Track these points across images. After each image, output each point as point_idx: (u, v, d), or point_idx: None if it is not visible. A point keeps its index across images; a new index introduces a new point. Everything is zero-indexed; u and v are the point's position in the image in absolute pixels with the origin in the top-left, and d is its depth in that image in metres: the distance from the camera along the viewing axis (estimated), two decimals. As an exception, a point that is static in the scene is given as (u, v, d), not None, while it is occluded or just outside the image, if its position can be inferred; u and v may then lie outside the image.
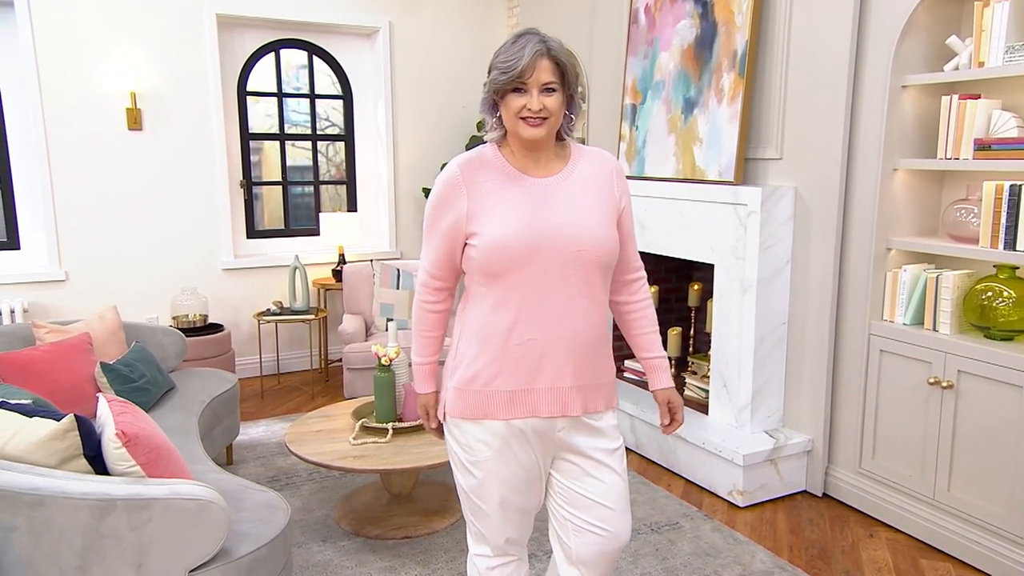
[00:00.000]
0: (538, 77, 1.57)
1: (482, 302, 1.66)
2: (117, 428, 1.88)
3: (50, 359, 2.85)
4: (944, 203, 2.98)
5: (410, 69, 5.17)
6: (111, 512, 1.75)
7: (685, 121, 3.61)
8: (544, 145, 1.66)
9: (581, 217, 1.64)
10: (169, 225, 4.61)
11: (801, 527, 2.96)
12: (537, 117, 1.59)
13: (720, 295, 3.37)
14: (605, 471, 1.73)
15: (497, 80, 1.59)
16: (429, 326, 1.77)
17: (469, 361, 1.68)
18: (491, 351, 1.65)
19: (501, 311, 1.63)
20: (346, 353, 4.17)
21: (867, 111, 2.93)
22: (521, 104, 1.58)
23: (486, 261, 1.60)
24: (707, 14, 3.49)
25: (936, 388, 2.73)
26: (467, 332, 1.70)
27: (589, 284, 1.65)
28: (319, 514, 3.03)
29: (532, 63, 1.55)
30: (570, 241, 1.61)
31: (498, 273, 1.61)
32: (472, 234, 1.62)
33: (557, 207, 1.64)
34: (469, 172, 1.65)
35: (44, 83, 4.18)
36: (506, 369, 1.64)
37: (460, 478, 1.76)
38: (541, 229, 1.60)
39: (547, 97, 1.58)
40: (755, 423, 3.29)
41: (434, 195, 1.68)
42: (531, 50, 1.56)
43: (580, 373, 1.68)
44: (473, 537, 1.83)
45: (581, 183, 1.68)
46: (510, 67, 1.56)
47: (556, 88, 1.59)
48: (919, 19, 2.78)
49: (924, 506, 2.82)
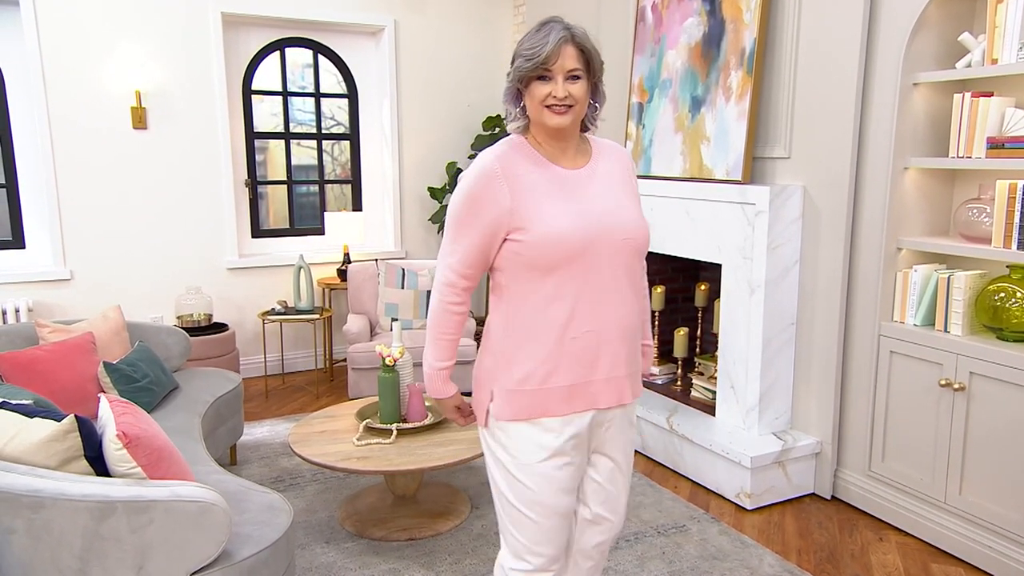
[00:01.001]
0: (563, 64, 1.55)
1: (529, 298, 1.61)
2: (118, 429, 1.86)
3: (53, 359, 2.84)
4: (956, 202, 2.94)
5: (415, 68, 5.15)
6: (111, 514, 1.73)
7: (692, 119, 3.58)
8: (569, 134, 1.65)
9: (620, 207, 1.65)
10: (174, 224, 4.60)
11: (810, 530, 2.92)
12: (563, 104, 1.57)
13: (727, 295, 3.33)
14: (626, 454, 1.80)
15: (522, 67, 1.56)
16: (453, 328, 1.69)
17: (519, 360, 1.62)
18: (546, 347, 1.61)
19: (555, 305, 1.59)
20: (350, 353, 4.15)
21: (877, 109, 2.89)
22: (546, 92, 1.56)
23: (539, 255, 1.57)
24: (715, 11, 3.45)
25: (947, 390, 2.69)
26: (512, 330, 1.64)
27: (632, 272, 1.67)
28: (323, 515, 3.01)
29: (557, 49, 1.54)
30: (616, 230, 1.62)
31: (552, 267, 1.57)
32: (518, 229, 1.57)
33: (597, 198, 1.64)
34: (507, 165, 1.60)
35: (49, 82, 4.17)
36: (564, 364, 1.61)
37: (504, 487, 1.69)
38: (592, 220, 1.59)
39: (572, 84, 1.56)
40: (763, 425, 3.25)
41: (468, 190, 1.60)
42: (556, 36, 1.54)
43: (630, 361, 1.70)
44: (511, 550, 1.73)
45: (608, 175, 1.70)
46: (535, 54, 1.54)
47: (581, 75, 1.57)
48: (931, 15, 2.74)
49: (935, 510, 2.78)
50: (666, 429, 3.47)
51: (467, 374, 4.28)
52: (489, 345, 1.69)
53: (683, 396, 3.80)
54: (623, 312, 1.65)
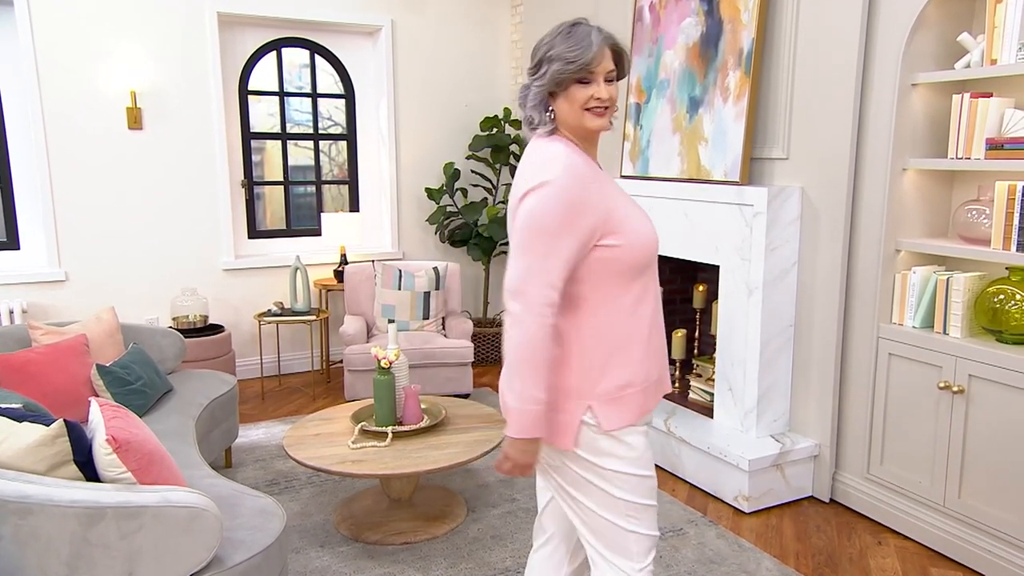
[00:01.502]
0: (604, 66, 1.55)
1: (619, 304, 1.58)
2: (108, 433, 1.84)
3: (45, 361, 2.82)
4: (955, 204, 2.92)
5: (413, 68, 5.13)
6: (100, 520, 1.71)
7: (690, 120, 3.56)
8: (598, 138, 1.66)
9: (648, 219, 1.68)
10: (169, 225, 4.57)
11: (808, 534, 2.90)
12: (603, 106, 1.57)
13: (725, 297, 3.31)
14: None
15: (564, 71, 1.52)
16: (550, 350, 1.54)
17: (615, 367, 1.58)
18: (641, 347, 1.61)
19: (643, 306, 1.61)
20: (347, 355, 4.13)
21: (876, 110, 2.88)
22: (588, 94, 1.54)
23: (635, 259, 1.56)
24: (713, 11, 3.43)
25: (946, 393, 2.67)
26: (602, 339, 1.58)
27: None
28: (318, 519, 2.99)
29: (601, 52, 1.54)
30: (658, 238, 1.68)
31: (643, 269, 1.59)
32: (612, 233, 1.54)
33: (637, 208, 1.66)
34: (585, 168, 1.56)
35: (44, 82, 4.15)
36: (653, 361, 1.65)
37: (627, 494, 1.61)
38: (652, 234, 1.63)
39: (610, 86, 1.57)
40: (761, 427, 3.23)
41: (563, 195, 1.50)
42: (598, 38, 1.54)
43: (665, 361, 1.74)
44: (643, 550, 1.68)
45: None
46: (577, 56, 1.52)
47: (614, 77, 1.59)
48: (930, 15, 2.72)
49: (934, 513, 2.76)
50: (664, 431, 3.45)
51: (460, 375, 4.26)
52: (570, 361, 1.59)
53: (681, 398, 3.77)
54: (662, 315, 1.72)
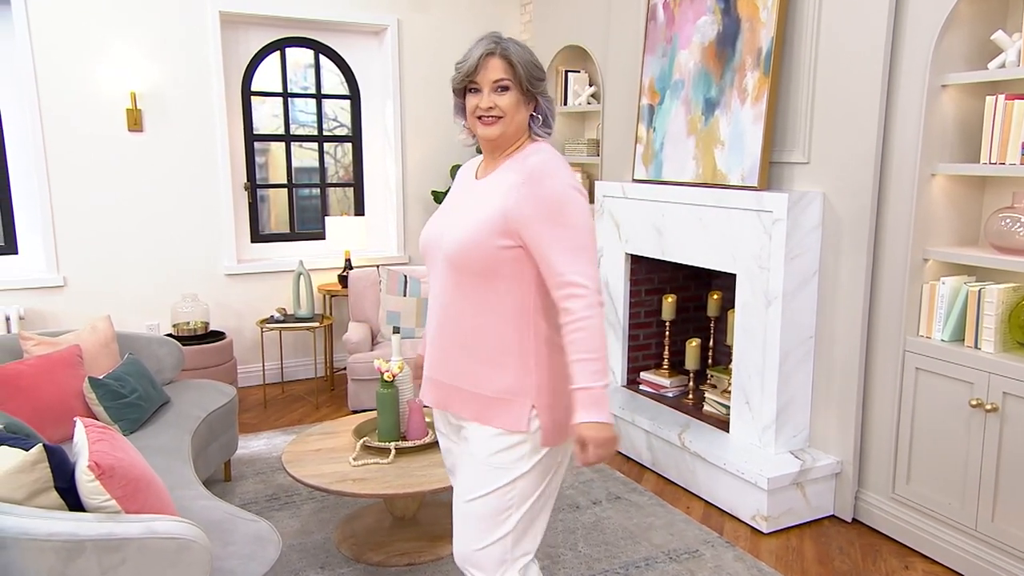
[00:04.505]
0: (487, 76, 1.61)
1: None
2: (90, 459, 1.73)
3: (36, 373, 2.72)
4: (986, 211, 2.78)
5: (419, 68, 5.02)
6: (80, 554, 1.60)
7: (706, 122, 3.42)
8: (499, 145, 1.68)
9: (457, 223, 1.66)
10: (170, 229, 4.47)
11: (830, 556, 2.77)
12: (490, 116, 1.62)
13: (743, 307, 3.18)
14: (460, 476, 1.74)
15: (453, 80, 1.66)
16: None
17: None
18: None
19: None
20: (351, 363, 4.02)
21: (903, 112, 2.74)
22: (475, 103, 1.64)
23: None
24: (730, 10, 3.30)
25: (979, 411, 2.53)
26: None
27: (460, 289, 1.65)
28: (318, 537, 2.88)
29: (480, 62, 1.60)
30: (437, 247, 1.69)
31: (428, 267, 1.76)
32: None
33: (457, 211, 1.70)
34: (461, 172, 1.84)
35: (42, 83, 4.06)
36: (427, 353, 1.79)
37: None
38: (430, 231, 1.73)
39: (500, 96, 1.62)
40: (779, 443, 3.10)
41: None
42: (480, 50, 1.61)
43: (453, 373, 1.70)
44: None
45: (491, 188, 1.65)
46: (461, 67, 1.63)
47: (509, 86, 1.62)
48: (961, 13, 2.58)
49: (965, 537, 2.62)
50: (678, 446, 3.32)
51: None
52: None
53: (695, 410, 3.64)
54: (443, 322, 1.70)
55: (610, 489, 3.30)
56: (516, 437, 1.63)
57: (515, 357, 1.62)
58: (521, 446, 1.63)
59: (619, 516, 3.06)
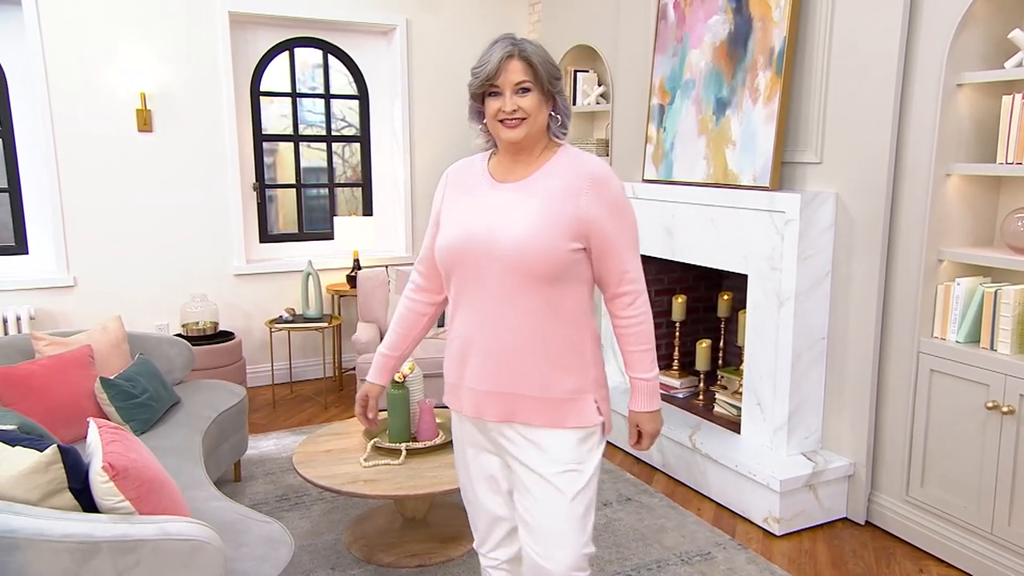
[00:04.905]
0: (509, 78, 1.58)
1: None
2: (104, 460, 1.72)
3: (48, 373, 2.72)
4: (1002, 212, 2.75)
5: (428, 68, 5.01)
6: (94, 555, 1.59)
7: (717, 122, 3.41)
8: (524, 148, 1.65)
9: (508, 226, 1.60)
10: (180, 229, 4.48)
11: (844, 559, 2.75)
12: (513, 118, 1.60)
13: (754, 308, 3.16)
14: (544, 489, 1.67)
15: (472, 84, 1.62)
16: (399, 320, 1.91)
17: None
18: (449, 347, 1.75)
19: (455, 311, 1.72)
20: (360, 364, 4.01)
21: (918, 112, 2.72)
22: (496, 107, 1.60)
23: (440, 260, 1.71)
24: (741, 9, 3.28)
25: (995, 413, 2.51)
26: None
27: (517, 294, 1.61)
28: (329, 538, 2.88)
29: (501, 65, 1.57)
30: (489, 251, 1.61)
31: (448, 273, 1.70)
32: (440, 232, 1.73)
33: (494, 215, 1.63)
34: (455, 174, 1.76)
35: (52, 83, 4.06)
36: (453, 365, 1.73)
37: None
38: (466, 238, 1.64)
39: (521, 98, 1.59)
40: (791, 445, 3.08)
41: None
42: (500, 53, 1.58)
43: (505, 382, 1.65)
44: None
45: (542, 189, 1.62)
46: (481, 71, 1.59)
47: (530, 87, 1.59)
48: (978, 11, 2.56)
49: (981, 540, 2.60)
50: (688, 447, 3.30)
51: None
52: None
53: (705, 411, 3.63)
54: (500, 332, 1.63)
55: (621, 491, 3.29)
56: (587, 431, 1.70)
57: (577, 356, 1.67)
58: (591, 439, 1.71)
59: (630, 518, 3.04)
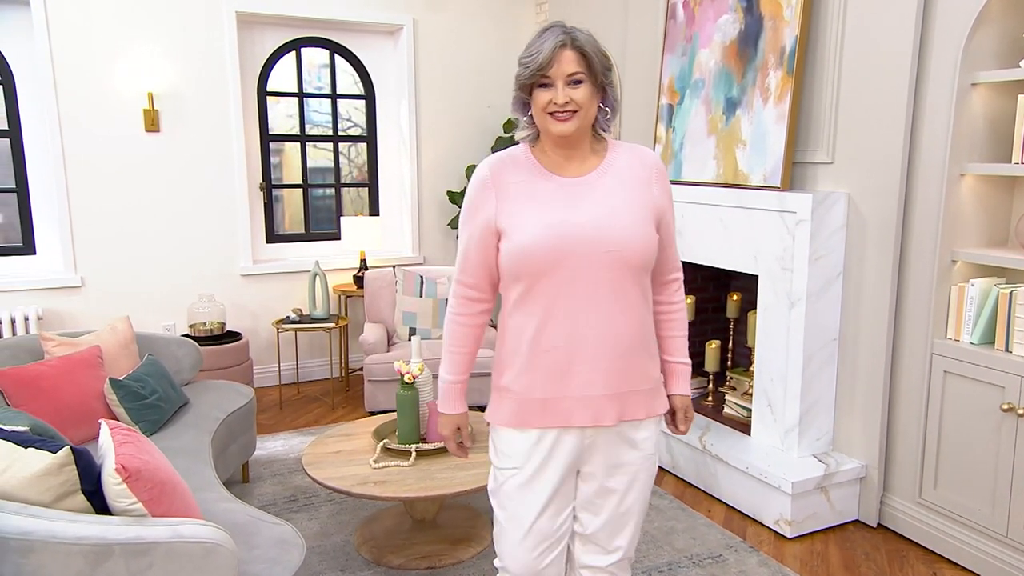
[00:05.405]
0: (562, 69, 1.49)
1: (513, 307, 1.61)
2: (117, 462, 1.72)
3: (57, 374, 2.71)
4: (1016, 212, 2.73)
5: (434, 68, 5.00)
6: (108, 558, 1.58)
7: (727, 122, 3.39)
8: (577, 141, 1.58)
9: (613, 218, 1.55)
10: (187, 229, 4.47)
11: (856, 562, 2.73)
12: (565, 111, 1.51)
13: (765, 309, 3.15)
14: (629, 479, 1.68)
15: (522, 75, 1.53)
16: (461, 341, 1.69)
17: (507, 366, 1.65)
18: (523, 357, 1.60)
19: (529, 316, 1.58)
20: (367, 364, 4.00)
21: (931, 111, 2.70)
22: (547, 99, 1.51)
23: (513, 265, 1.56)
24: (752, 8, 3.26)
25: (1010, 415, 2.49)
26: (502, 337, 1.66)
27: (622, 287, 1.57)
28: (338, 539, 2.86)
29: (554, 55, 1.49)
30: (599, 242, 1.53)
31: (524, 277, 1.55)
32: (503, 234, 1.57)
33: (587, 207, 1.55)
34: (499, 173, 1.59)
35: (60, 84, 4.06)
36: (538, 377, 1.59)
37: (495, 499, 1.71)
38: (568, 231, 1.52)
39: (574, 89, 1.51)
40: (803, 447, 3.06)
41: (467, 197, 1.64)
42: (552, 42, 1.49)
43: (618, 381, 1.60)
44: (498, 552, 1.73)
45: (616, 181, 1.58)
46: (532, 60, 1.50)
47: (583, 79, 1.51)
48: (992, 10, 2.54)
49: (995, 544, 2.58)
50: (698, 448, 3.29)
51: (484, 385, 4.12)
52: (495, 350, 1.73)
53: (715, 413, 3.61)
54: (605, 330, 1.56)
55: (630, 492, 3.27)
56: (660, 416, 1.72)
57: (654, 342, 1.69)
58: (660, 423, 1.74)
59: (640, 520, 3.02)
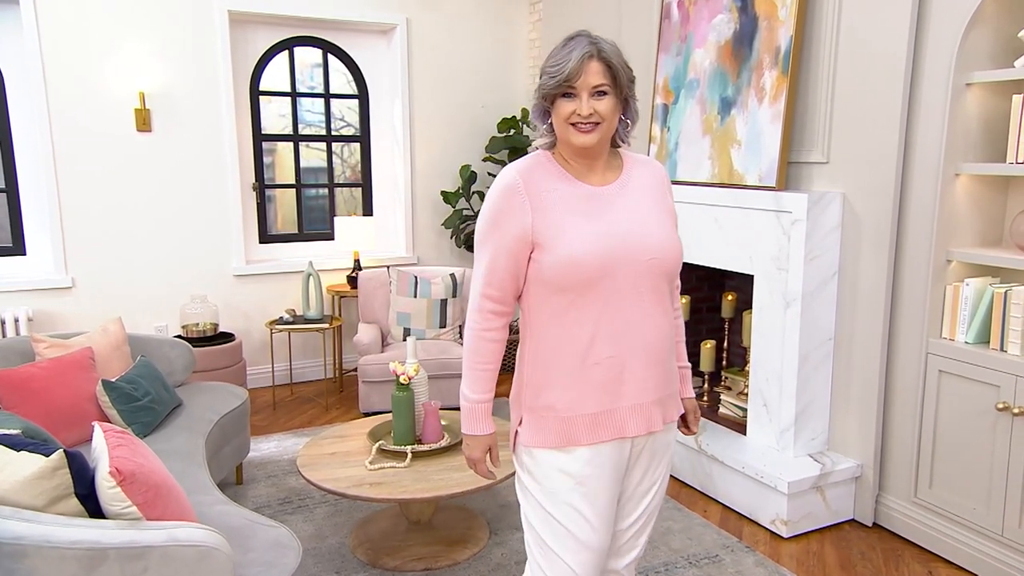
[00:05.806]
0: (587, 80, 1.48)
1: (551, 321, 1.55)
2: (111, 465, 1.70)
3: (48, 376, 2.69)
4: (1011, 212, 2.74)
5: (428, 67, 4.98)
6: (102, 562, 1.56)
7: (722, 122, 3.39)
8: (597, 153, 1.58)
9: (647, 226, 1.57)
10: (179, 230, 4.44)
11: (852, 562, 2.74)
12: (588, 122, 1.50)
13: (760, 308, 3.15)
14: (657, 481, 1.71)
15: (546, 84, 1.51)
16: (488, 358, 1.61)
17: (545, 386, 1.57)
18: (569, 373, 1.55)
19: (575, 329, 1.53)
20: (361, 365, 3.98)
21: (926, 111, 2.70)
22: (571, 109, 1.50)
23: (558, 276, 1.50)
24: (747, 8, 3.27)
25: (1005, 414, 2.50)
26: (538, 355, 1.59)
27: (660, 293, 1.58)
28: (333, 542, 2.85)
29: (581, 66, 1.47)
30: (642, 251, 1.54)
31: (571, 289, 1.51)
32: (539, 247, 1.52)
33: (623, 217, 1.56)
34: (530, 180, 1.54)
35: (50, 83, 4.02)
36: (588, 391, 1.55)
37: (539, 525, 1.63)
38: (615, 241, 1.52)
39: (598, 101, 1.49)
40: (798, 446, 3.07)
41: (491, 205, 1.56)
42: (580, 52, 1.47)
43: (660, 386, 1.62)
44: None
45: (640, 191, 1.60)
46: (558, 71, 1.48)
47: (608, 91, 1.50)
48: (987, 10, 2.55)
49: (991, 543, 2.58)
50: (694, 449, 3.29)
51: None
52: (520, 369, 1.63)
53: (711, 413, 3.61)
54: (650, 337, 1.57)
55: (626, 492, 3.27)
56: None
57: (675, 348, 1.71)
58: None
59: (636, 520, 3.02)
